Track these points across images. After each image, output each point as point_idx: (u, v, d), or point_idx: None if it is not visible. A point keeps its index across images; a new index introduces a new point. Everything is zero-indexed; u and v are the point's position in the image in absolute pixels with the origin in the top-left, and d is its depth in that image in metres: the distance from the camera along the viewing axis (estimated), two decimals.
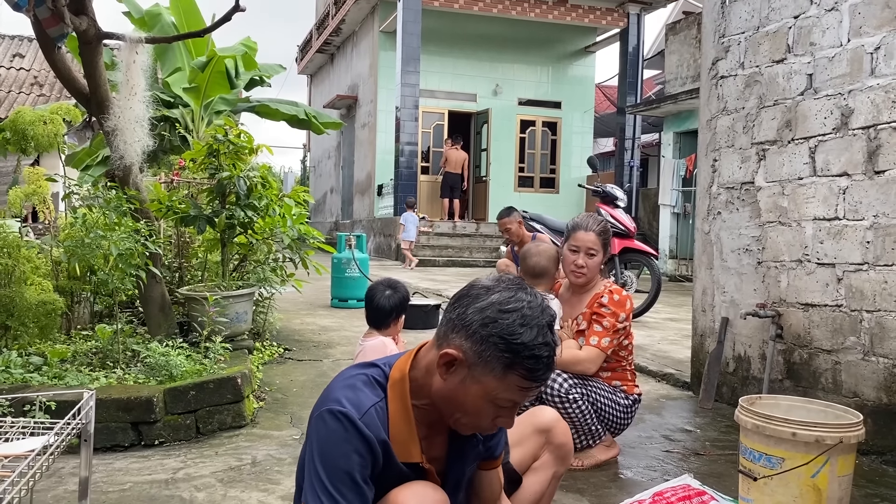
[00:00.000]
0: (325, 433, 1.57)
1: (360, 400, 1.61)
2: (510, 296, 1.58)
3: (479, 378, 1.57)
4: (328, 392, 1.66)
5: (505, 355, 1.54)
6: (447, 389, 1.62)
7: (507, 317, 1.55)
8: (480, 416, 1.62)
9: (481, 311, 1.57)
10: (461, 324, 1.59)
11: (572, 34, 19.40)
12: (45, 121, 6.13)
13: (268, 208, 5.30)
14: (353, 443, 1.56)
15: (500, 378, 1.56)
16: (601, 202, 7.94)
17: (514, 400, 1.60)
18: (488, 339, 1.55)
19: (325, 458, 1.55)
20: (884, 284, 3.43)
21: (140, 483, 3.00)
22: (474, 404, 1.60)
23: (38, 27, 4.29)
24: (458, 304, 1.63)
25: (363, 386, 1.64)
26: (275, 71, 10.91)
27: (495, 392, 1.58)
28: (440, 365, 1.61)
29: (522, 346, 1.53)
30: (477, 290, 1.62)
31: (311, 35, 25.13)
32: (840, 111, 3.66)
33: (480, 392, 1.58)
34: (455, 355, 1.58)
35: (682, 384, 4.87)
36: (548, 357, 1.56)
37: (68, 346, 4.33)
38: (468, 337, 1.57)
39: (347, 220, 21.94)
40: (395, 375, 1.67)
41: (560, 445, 2.21)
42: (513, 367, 1.55)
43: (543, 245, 3.47)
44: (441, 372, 1.61)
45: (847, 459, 2.47)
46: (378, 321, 3.24)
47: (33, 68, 15.94)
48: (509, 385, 1.56)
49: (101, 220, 4.26)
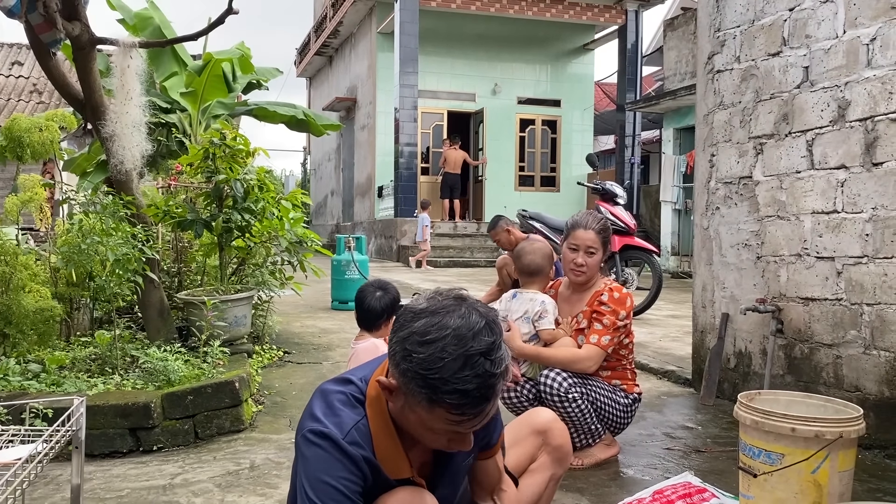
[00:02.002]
0: (311, 455, 1.55)
1: (341, 420, 1.58)
2: (434, 322, 1.47)
3: (413, 408, 1.52)
4: (307, 413, 1.63)
5: (423, 391, 1.46)
6: (395, 412, 1.59)
7: (423, 350, 1.45)
8: (429, 441, 1.58)
9: (402, 341, 1.49)
10: (390, 352, 1.54)
11: (570, 32, 19.37)
12: (40, 128, 6.12)
13: (265, 211, 5.29)
14: (340, 463, 1.54)
15: (428, 411, 1.49)
16: (601, 199, 7.92)
17: (453, 430, 1.52)
18: (406, 373, 1.48)
19: (312, 481, 1.54)
20: (884, 277, 3.41)
21: (138, 489, 2.99)
22: (419, 431, 1.57)
23: (32, 33, 4.28)
24: (392, 329, 1.56)
25: (342, 406, 1.61)
26: (272, 74, 10.89)
27: (429, 423, 1.52)
28: (382, 390, 1.57)
29: (441, 381, 1.43)
30: (405, 317, 1.53)
31: (309, 38, 25.13)
32: (837, 103, 3.64)
33: (417, 421, 1.53)
34: (387, 384, 1.54)
35: (684, 381, 4.85)
36: (477, 388, 1.43)
37: (67, 352, 4.32)
38: (395, 367, 1.52)
39: (348, 222, 21.93)
40: (371, 393, 1.63)
41: (558, 447, 2.17)
42: (436, 402, 1.46)
43: (538, 243, 3.45)
44: (386, 396, 1.58)
45: (848, 454, 2.44)
46: (369, 323, 3.22)
47: (32, 76, 15.96)
48: (438, 418, 1.49)
49: (97, 226, 4.25)
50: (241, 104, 10.60)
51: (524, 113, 19.37)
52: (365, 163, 20.05)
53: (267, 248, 5.65)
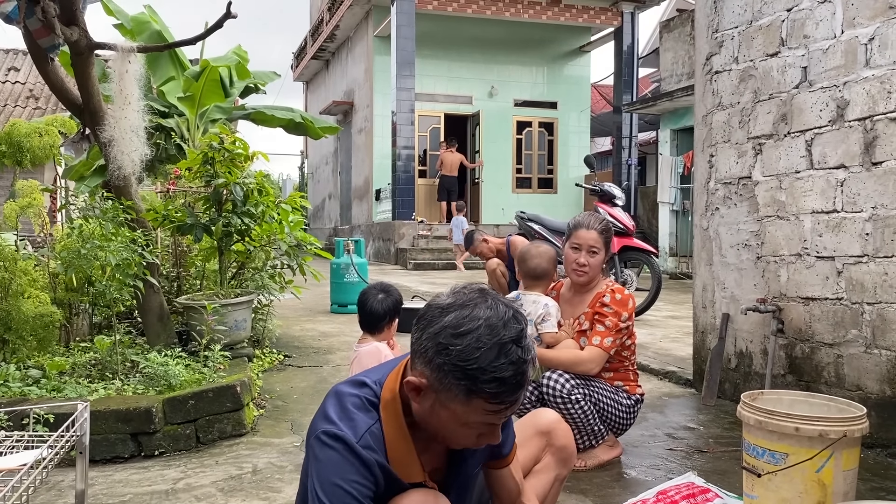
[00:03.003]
0: (324, 458, 1.54)
1: (355, 423, 1.57)
2: (465, 315, 1.49)
3: (446, 404, 1.52)
4: (321, 414, 1.62)
5: (462, 383, 1.46)
6: (422, 413, 1.58)
7: (459, 341, 1.47)
8: (460, 437, 1.58)
9: (434, 336, 1.50)
10: (419, 350, 1.54)
11: (567, 34, 19.39)
12: (40, 133, 6.12)
13: (264, 215, 5.29)
14: (353, 467, 1.53)
15: (465, 404, 1.49)
16: (599, 201, 7.92)
17: (488, 423, 1.54)
18: (443, 367, 1.48)
19: (324, 483, 1.52)
20: (884, 276, 3.41)
21: (140, 494, 2.98)
22: (449, 428, 1.56)
23: (30, 39, 4.28)
24: (417, 327, 1.56)
25: (356, 409, 1.59)
26: (269, 78, 10.90)
27: (464, 417, 1.52)
28: (409, 391, 1.56)
29: (480, 370, 1.45)
30: (432, 313, 1.54)
31: (306, 42, 25.12)
32: (836, 103, 3.65)
33: (451, 417, 1.53)
34: (418, 383, 1.53)
35: (685, 382, 4.85)
36: (513, 376, 1.47)
37: (67, 358, 4.30)
38: (426, 364, 1.51)
39: (346, 225, 21.92)
40: (386, 396, 1.63)
41: (561, 448, 2.15)
42: (474, 393, 1.47)
43: (542, 246, 3.46)
44: (412, 397, 1.57)
45: (852, 453, 2.44)
46: (371, 325, 3.22)
47: (29, 81, 15.94)
48: (476, 410, 1.50)
49: (97, 231, 4.24)
50: (239, 108, 10.60)
51: (521, 115, 19.38)
52: (362, 166, 20.05)
53: (266, 252, 5.65)
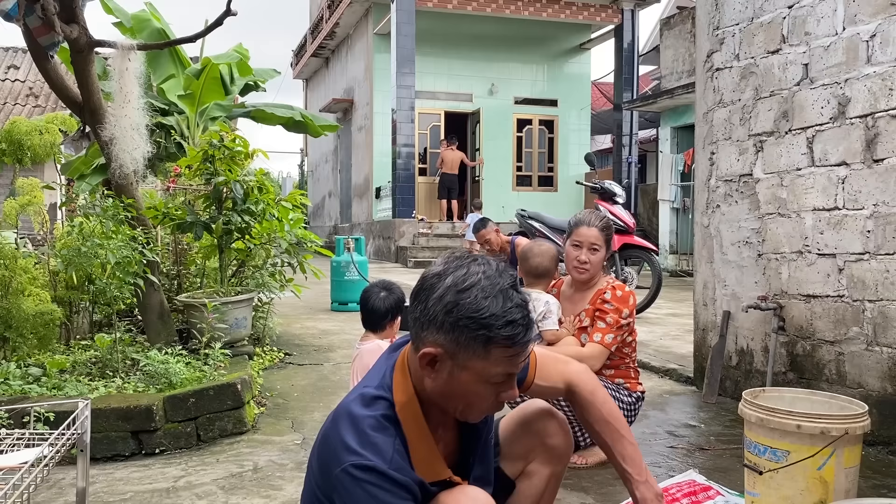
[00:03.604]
0: (360, 493, 1.50)
1: (379, 448, 1.53)
2: (462, 273, 1.56)
3: (465, 364, 1.55)
4: (340, 444, 1.56)
5: (480, 333, 1.51)
6: (440, 387, 1.59)
7: (467, 295, 1.52)
8: (481, 399, 1.61)
9: (440, 299, 1.54)
10: (427, 319, 1.56)
11: (567, 32, 19.37)
12: (40, 131, 6.12)
13: (265, 213, 5.28)
14: (391, 494, 1.50)
15: (485, 357, 1.53)
16: (600, 199, 7.92)
17: (506, 372, 1.58)
18: (457, 324, 1.52)
19: None
20: (885, 273, 3.41)
21: (141, 492, 2.98)
22: (471, 391, 1.58)
23: (30, 37, 4.27)
24: (417, 301, 1.60)
25: (374, 432, 1.56)
26: (269, 75, 10.88)
27: (486, 371, 1.55)
28: (423, 366, 1.58)
29: (493, 317, 1.51)
30: (430, 281, 1.59)
31: (306, 39, 25.10)
32: (837, 100, 3.64)
33: (472, 378, 1.56)
34: (433, 352, 1.56)
35: (686, 379, 4.85)
36: (522, 318, 1.54)
37: (67, 356, 4.31)
38: (438, 329, 1.54)
39: (346, 223, 21.92)
40: (401, 399, 1.62)
41: (554, 446, 2.02)
42: (492, 342, 1.52)
43: (545, 245, 3.46)
44: (427, 372, 1.59)
45: (853, 451, 2.44)
46: (373, 323, 3.22)
47: (28, 79, 15.94)
48: (496, 359, 1.54)
49: (97, 229, 4.24)
50: (239, 106, 10.59)
51: (521, 113, 19.37)
52: (362, 164, 20.04)
53: (267, 250, 5.64)
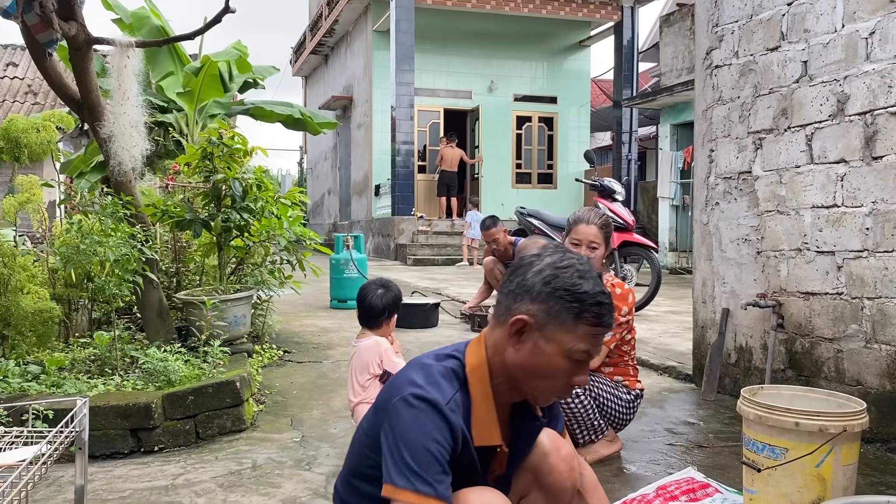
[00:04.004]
0: (410, 417, 1.60)
1: (442, 389, 1.65)
2: (561, 256, 1.69)
3: (552, 335, 1.64)
4: (406, 380, 1.68)
5: (573, 304, 1.63)
6: (522, 357, 1.68)
7: (565, 272, 1.65)
8: (558, 375, 1.68)
9: (540, 272, 1.67)
10: (523, 290, 1.68)
11: (566, 29, 19.36)
12: (38, 128, 6.10)
13: (263, 210, 5.28)
14: (439, 427, 1.60)
15: (572, 329, 1.63)
16: (599, 196, 7.92)
17: (587, 350, 1.66)
18: (554, 293, 1.64)
19: (410, 442, 1.58)
20: (884, 271, 3.41)
21: (140, 490, 2.98)
22: (552, 363, 1.66)
23: (28, 34, 4.26)
24: (513, 276, 1.72)
25: (441, 377, 1.68)
26: (268, 72, 10.87)
27: (570, 345, 1.64)
28: (512, 334, 1.67)
29: (586, 294, 1.63)
30: (529, 259, 1.72)
31: (305, 36, 25.08)
32: (836, 97, 3.64)
33: (556, 349, 1.65)
34: (525, 319, 1.65)
35: (685, 377, 4.85)
36: (609, 304, 1.66)
37: (66, 354, 4.31)
38: (533, 299, 1.66)
39: (346, 221, 21.91)
40: (473, 362, 1.73)
41: (549, 485, 1.91)
42: (581, 316, 1.63)
43: (542, 242, 3.46)
44: (513, 342, 1.68)
45: (851, 448, 2.44)
46: (370, 320, 3.23)
47: (27, 77, 15.92)
48: (581, 335, 1.64)
49: (96, 227, 4.24)
50: (238, 104, 10.58)
51: (521, 110, 19.35)
52: (362, 161, 20.03)
53: (266, 248, 5.64)
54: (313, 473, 3.17)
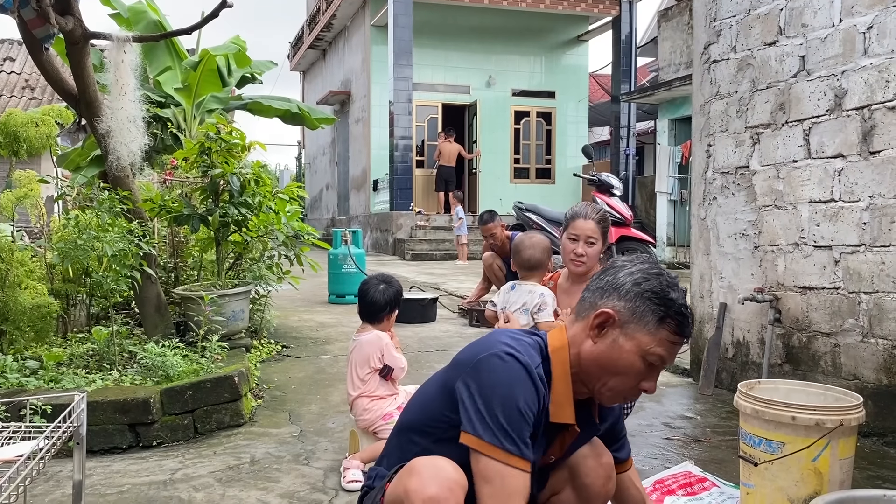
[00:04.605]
0: (505, 372, 1.66)
1: (531, 353, 1.73)
2: (651, 266, 1.77)
3: (633, 334, 1.70)
4: (494, 339, 1.75)
5: (659, 308, 1.69)
6: (598, 351, 1.74)
7: (655, 277, 1.74)
8: (630, 374, 1.72)
9: (631, 274, 1.75)
10: (612, 287, 1.75)
11: (564, 23, 19.32)
12: (36, 123, 6.09)
13: (261, 205, 5.27)
14: (527, 386, 1.67)
15: (653, 332, 1.69)
16: (597, 191, 7.93)
17: (662, 356, 1.71)
18: (642, 294, 1.71)
19: (502, 396, 1.64)
20: (881, 265, 3.41)
21: (138, 485, 2.99)
22: (627, 361, 1.71)
23: (24, 29, 4.25)
24: (604, 275, 1.80)
25: (529, 347, 1.75)
26: (266, 67, 10.84)
27: (648, 346, 1.70)
28: (594, 326, 1.74)
29: (672, 301, 1.70)
30: (621, 262, 1.80)
31: (303, 31, 25.02)
32: (833, 92, 3.64)
33: (633, 348, 1.70)
34: (610, 313, 1.72)
35: (682, 371, 4.86)
36: (690, 317, 1.74)
37: (64, 349, 4.30)
38: (621, 297, 1.73)
39: (344, 216, 21.90)
40: (555, 343, 1.80)
41: (585, 486, 1.95)
42: (665, 321, 1.70)
43: (537, 237, 3.46)
44: (593, 334, 1.74)
45: (848, 442, 2.45)
46: (372, 316, 3.23)
47: (24, 71, 15.87)
48: (661, 339, 1.70)
49: (94, 222, 4.23)
50: (236, 98, 10.55)
51: (519, 105, 19.32)
52: (360, 156, 20.01)
53: (264, 243, 5.64)
54: (311, 468, 3.17)
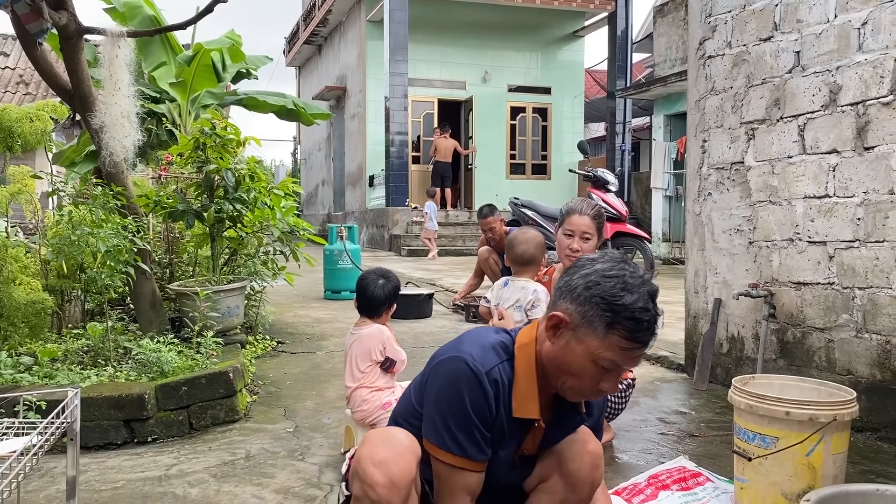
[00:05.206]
0: (453, 376, 1.74)
1: (486, 357, 1.77)
2: (613, 265, 1.73)
3: (583, 338, 1.70)
4: (457, 345, 1.82)
5: (606, 314, 1.67)
6: (554, 352, 1.75)
7: (609, 281, 1.69)
8: (584, 377, 1.74)
9: (585, 276, 1.73)
10: (567, 289, 1.75)
11: (560, 19, 19.31)
12: (31, 118, 6.06)
13: (256, 201, 5.26)
14: (475, 391, 1.72)
15: (602, 338, 1.68)
16: (593, 187, 7.93)
17: (615, 361, 1.69)
18: (591, 299, 1.69)
19: (447, 399, 1.74)
20: (875, 261, 3.42)
21: (133, 480, 2.99)
22: (579, 364, 1.72)
23: (18, 23, 4.22)
24: (565, 276, 1.79)
25: (489, 349, 1.80)
26: (262, 62, 10.82)
27: (597, 351, 1.69)
28: (548, 328, 1.76)
29: (623, 307, 1.65)
30: (583, 262, 1.78)
31: (298, 27, 24.97)
32: (828, 88, 3.64)
33: (584, 352, 1.70)
34: (561, 317, 1.73)
35: (677, 366, 4.87)
36: (648, 322, 1.67)
37: (59, 345, 4.29)
38: (573, 300, 1.72)
39: (340, 211, 21.88)
40: (522, 340, 1.83)
41: (571, 472, 1.93)
42: (613, 327, 1.66)
43: (530, 232, 3.46)
44: (549, 335, 1.76)
45: (841, 437, 2.46)
46: (371, 310, 3.24)
47: (18, 67, 15.82)
48: (611, 345, 1.68)
49: (88, 217, 4.22)
50: (231, 94, 10.53)
51: (514, 101, 19.32)
52: (356, 152, 19.99)
53: (259, 238, 5.63)
54: (306, 464, 3.17)
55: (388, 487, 1.68)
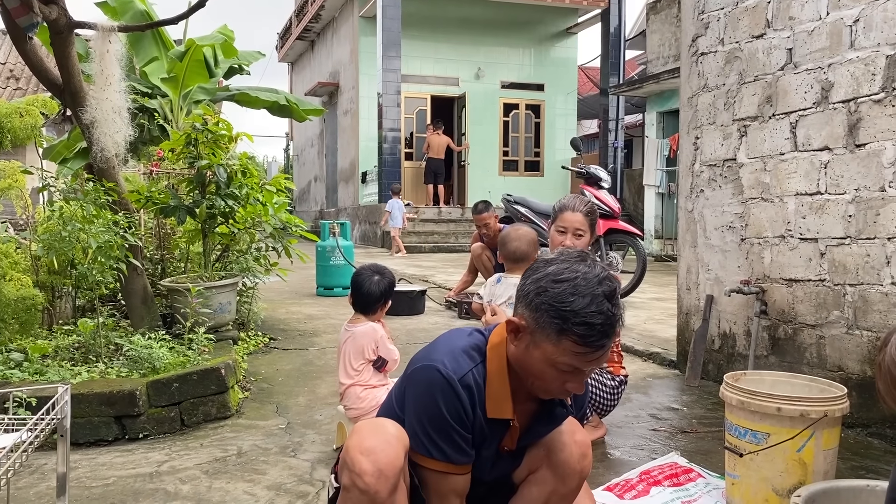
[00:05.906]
0: (426, 384, 1.75)
1: (459, 363, 1.77)
2: (565, 267, 1.69)
3: (539, 344, 1.69)
4: (432, 351, 1.82)
5: (555, 321, 1.65)
6: (517, 355, 1.76)
7: (558, 286, 1.66)
8: (546, 379, 1.74)
9: (536, 281, 1.71)
10: (522, 294, 1.74)
11: (553, 15, 19.32)
12: (21, 113, 6.03)
13: (248, 197, 5.25)
14: (449, 397, 1.73)
15: (555, 343, 1.66)
16: (585, 184, 7.92)
17: (573, 365, 1.68)
18: (541, 306, 1.67)
19: (422, 405, 1.75)
20: (866, 258, 3.43)
21: (124, 477, 2.97)
22: (539, 368, 1.72)
23: (8, 17, 4.19)
24: (522, 279, 1.78)
25: (462, 352, 1.80)
26: (254, 58, 10.78)
27: (553, 356, 1.68)
28: (508, 332, 1.76)
29: (572, 312, 1.63)
30: (538, 264, 1.76)
31: (291, 22, 24.89)
32: (820, 85, 3.65)
33: (541, 356, 1.70)
34: (518, 323, 1.73)
35: (669, 363, 4.88)
36: (602, 325, 1.63)
37: (50, 341, 4.27)
38: (527, 306, 1.71)
39: (332, 208, 21.85)
40: (494, 340, 1.83)
41: (560, 462, 1.93)
42: (564, 333, 1.64)
43: (523, 229, 3.45)
44: (511, 339, 1.77)
45: (832, 433, 2.47)
46: (366, 306, 3.24)
47: (9, 61, 15.71)
48: (564, 350, 1.66)
49: (78, 213, 4.20)
50: (223, 89, 10.48)
51: (508, 97, 19.33)
52: (348, 148, 19.95)
53: (251, 235, 5.61)
54: (298, 460, 3.17)
55: (375, 476, 1.67)
